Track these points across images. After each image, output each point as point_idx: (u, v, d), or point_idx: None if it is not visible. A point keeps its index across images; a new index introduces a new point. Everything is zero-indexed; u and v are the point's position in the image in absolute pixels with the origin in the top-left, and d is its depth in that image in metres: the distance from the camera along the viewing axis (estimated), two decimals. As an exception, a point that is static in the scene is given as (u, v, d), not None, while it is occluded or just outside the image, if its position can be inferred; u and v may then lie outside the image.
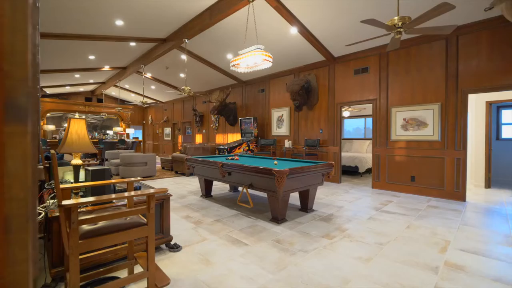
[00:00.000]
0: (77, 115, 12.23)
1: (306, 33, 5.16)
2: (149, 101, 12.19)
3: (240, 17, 4.92)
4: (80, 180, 2.14)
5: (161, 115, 13.78)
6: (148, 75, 9.54)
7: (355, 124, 9.53)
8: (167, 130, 13.16)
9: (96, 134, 13.30)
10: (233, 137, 9.15)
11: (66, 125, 13.18)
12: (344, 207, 4.02)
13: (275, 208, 3.21)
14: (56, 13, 4.65)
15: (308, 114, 6.79)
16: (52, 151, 1.36)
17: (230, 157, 4.49)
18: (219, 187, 5.45)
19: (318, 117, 6.56)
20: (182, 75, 8.93)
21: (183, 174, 7.16)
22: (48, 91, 11.44)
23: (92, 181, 2.02)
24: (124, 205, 2.02)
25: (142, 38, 6.14)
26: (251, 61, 4.17)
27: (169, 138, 12.98)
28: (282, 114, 7.38)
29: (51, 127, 11.83)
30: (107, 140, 9.91)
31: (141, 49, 7.00)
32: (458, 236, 2.81)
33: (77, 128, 1.89)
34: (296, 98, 6.27)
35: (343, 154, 7.27)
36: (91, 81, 10.58)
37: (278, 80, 7.60)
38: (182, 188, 5.37)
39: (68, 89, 11.58)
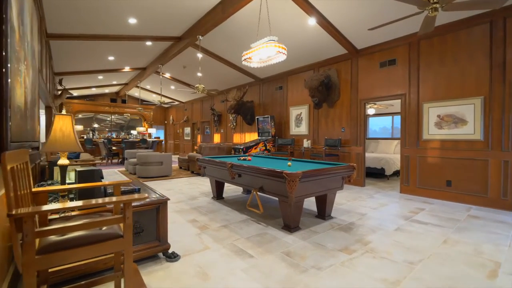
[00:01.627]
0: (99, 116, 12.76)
1: (325, 23, 4.76)
2: (167, 100, 12.34)
3: (254, 9, 4.65)
4: (70, 182, 2.00)
5: (182, 115, 13.96)
6: (167, 75, 9.64)
7: (382, 122, 8.84)
8: (187, 129, 13.30)
9: (122, 133, 13.83)
10: (251, 137, 8.92)
11: (95, 125, 13.93)
12: (368, 214, 3.59)
13: (287, 215, 2.90)
14: (67, 13, 4.72)
15: (328, 112, 6.35)
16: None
17: (242, 158, 4.24)
18: (232, 189, 5.24)
19: (340, 115, 6.10)
20: (199, 74, 8.88)
21: (198, 174, 7.07)
22: (76, 93, 12.07)
23: (79, 183, 1.87)
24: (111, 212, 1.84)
25: (157, 37, 6.12)
26: (264, 54, 3.90)
27: (189, 138, 13.10)
28: (301, 112, 7.00)
29: (79, 127, 12.46)
30: (129, 140, 10.18)
31: (157, 49, 7.02)
32: (510, 257, 2.30)
33: (62, 125, 1.75)
34: (315, 95, 5.87)
35: (367, 155, 6.72)
36: (114, 82, 10.96)
37: (296, 77, 7.23)
38: (194, 189, 5.23)
39: (94, 91, 12.13)
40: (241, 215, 3.49)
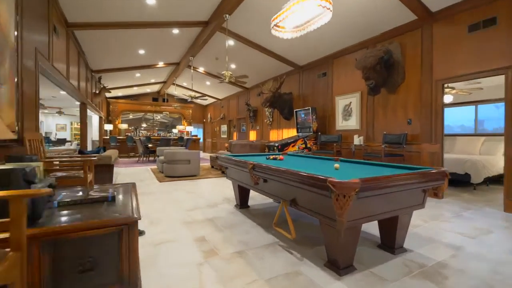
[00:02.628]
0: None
1: (387, -26, 3.48)
2: (198, 95, 11.99)
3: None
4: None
5: (218, 112, 13.60)
6: (201, 69, 9.20)
7: (458, 114, 6.88)
8: (224, 127, 12.85)
9: (167, 132, 14.12)
10: (289, 133, 7.86)
11: (144, 125, 14.55)
12: (465, 248, 2.28)
13: (334, 246, 1.84)
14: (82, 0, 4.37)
15: (388, 99, 4.94)
16: None
17: (271, 157, 3.27)
18: (261, 195, 4.30)
19: (404, 102, 4.66)
20: (233, 65, 8.18)
21: (228, 175, 6.33)
22: (120, 93, 12.60)
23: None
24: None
25: (183, 22, 5.54)
26: (300, 17, 2.87)
27: (225, 136, 12.63)
28: (350, 102, 5.69)
29: (124, 126, 13.02)
30: (165, 137, 10.07)
31: (186, 38, 6.49)
32: None
33: None
34: (371, 76, 4.55)
35: (445, 156, 5.08)
36: (153, 80, 11.03)
37: (344, 60, 5.93)
38: (218, 193, 4.45)
39: (136, 90, 12.51)
40: (267, 235, 2.53)
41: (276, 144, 5.79)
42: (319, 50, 6.17)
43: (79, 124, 16.85)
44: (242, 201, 3.49)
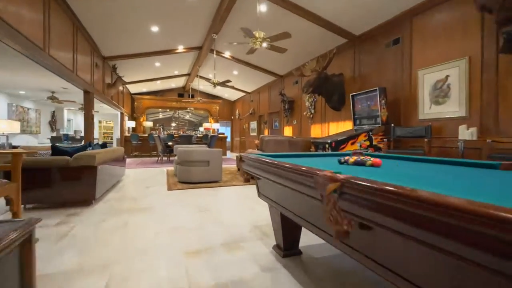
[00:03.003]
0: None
1: None
2: (219, 80, 10.63)
3: None
4: None
5: (248, 107, 12.12)
6: (226, 54, 7.77)
7: None
8: (253, 124, 11.33)
9: (193, 131, 13.11)
10: (338, 128, 6.01)
11: (174, 124, 13.74)
12: None
13: None
14: None
15: (531, 62, 2.90)
16: None
17: (351, 159, 1.55)
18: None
19: None
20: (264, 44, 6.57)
21: (259, 182, 4.73)
22: (145, 88, 11.80)
23: None
24: None
25: (200, -27, 4.08)
26: None
27: (255, 134, 11.09)
28: (447, 77, 3.70)
29: (149, 124, 12.22)
30: (185, 134, 8.84)
31: (205, 8, 5.05)
32: None
33: None
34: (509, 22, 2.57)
35: None
36: (176, 72, 9.93)
37: (430, 15, 3.96)
38: (245, 213, 2.86)
39: (160, 85, 11.58)
40: None
41: (329, 141, 4.03)
42: (386, 8, 4.27)
43: (108, 122, 16.78)
44: (289, 242, 1.84)
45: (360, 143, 4.24)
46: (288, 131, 8.25)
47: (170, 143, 8.12)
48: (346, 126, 5.74)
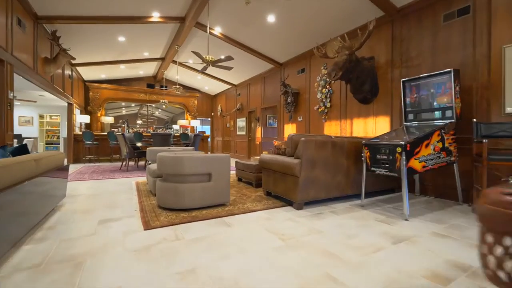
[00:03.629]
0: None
1: None
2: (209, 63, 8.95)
3: None
4: None
5: (233, 102, 10.46)
6: (217, 31, 6.08)
7: None
8: (241, 121, 9.70)
9: (165, 129, 10.97)
10: (366, 126, 4.75)
11: (140, 122, 11.17)
12: None
13: None
14: None
15: None
16: None
17: None
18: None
19: None
20: (271, 18, 5.05)
21: (288, 202, 3.20)
22: (104, 75, 9.43)
23: None
24: None
25: None
26: None
27: (243, 133, 9.48)
28: None
29: (109, 119, 9.85)
30: (159, 132, 6.86)
31: None
32: None
33: None
34: None
35: None
36: (146, 54, 7.88)
37: (537, -36, 2.83)
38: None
39: (124, 72, 9.33)
40: None
41: (402, 143, 2.66)
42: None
43: (53, 117, 13.60)
44: None
45: (434, 146, 2.96)
46: (290, 130, 6.82)
47: (139, 144, 6.14)
48: (379, 123, 4.49)
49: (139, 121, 11.76)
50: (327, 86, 5.52)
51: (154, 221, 2.47)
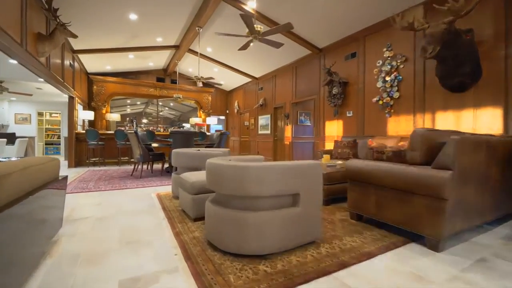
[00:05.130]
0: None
1: None
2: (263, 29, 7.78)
3: None
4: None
5: (253, 98, 9.33)
6: (249, 6, 4.96)
7: None
8: (264, 119, 8.57)
9: (177, 127, 9.87)
10: (459, 121, 3.61)
11: (145, 120, 9.34)
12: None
13: None
14: None
15: None
16: None
17: None
18: None
19: None
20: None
21: (406, 234, 2.07)
22: (109, 66, 8.34)
23: None
24: None
25: None
26: None
27: (267, 132, 8.35)
28: None
29: (115, 117, 8.77)
30: (183, 131, 5.70)
31: None
32: None
33: None
34: None
35: None
36: (160, 40, 6.77)
37: None
38: None
39: (131, 62, 8.21)
40: None
41: None
42: None
43: (53, 114, 12.44)
44: None
45: None
46: (335, 127, 5.67)
47: (155, 145, 5.03)
48: (482, 116, 3.35)
49: (144, 120, 10.69)
50: (393, 72, 4.39)
51: (221, 285, 1.35)
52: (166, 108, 11.01)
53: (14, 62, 5.04)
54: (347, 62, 5.31)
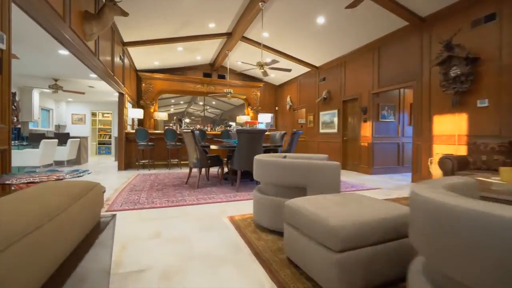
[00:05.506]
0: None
1: None
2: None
3: None
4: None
5: (311, 91, 8.05)
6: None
7: None
8: (327, 115, 7.23)
9: (225, 126, 9.10)
10: None
11: (187, 120, 7.70)
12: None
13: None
14: None
15: None
16: None
17: None
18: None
19: None
20: None
21: None
22: (157, 61, 7.80)
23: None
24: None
25: None
26: None
27: (332, 130, 6.99)
28: None
29: (163, 115, 8.26)
30: (246, 128, 4.65)
31: None
32: None
33: None
34: None
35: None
36: (212, 26, 5.89)
37: None
38: None
39: (178, 56, 7.52)
40: None
41: None
42: None
43: (105, 114, 12.61)
44: None
45: None
46: (449, 123, 4.10)
47: (214, 147, 4.09)
48: None
49: (187, 120, 10.12)
50: None
51: None
52: (207, 107, 10.33)
53: (65, 52, 4.56)
54: (477, 30, 3.73)
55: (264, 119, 7.58)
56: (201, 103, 10.07)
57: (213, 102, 10.83)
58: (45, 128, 8.63)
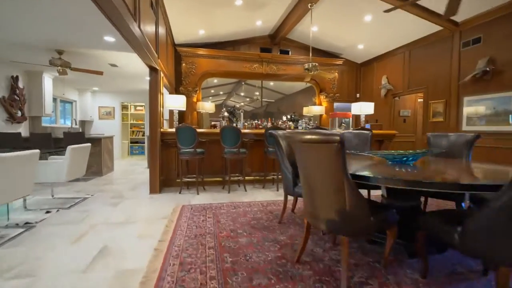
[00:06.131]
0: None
1: None
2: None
3: None
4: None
5: (439, 66, 5.11)
6: None
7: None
8: (488, 101, 4.29)
9: (281, 122, 6.58)
10: None
11: (225, 113, 4.60)
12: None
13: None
14: None
15: None
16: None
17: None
18: None
19: None
20: None
21: None
22: (203, 30, 5.49)
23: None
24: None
25: None
26: None
27: (508, 127, 4.05)
28: None
29: (209, 106, 6.01)
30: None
31: None
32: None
33: None
34: None
35: None
36: None
37: None
38: None
39: (236, 19, 5.08)
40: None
41: None
42: None
43: (138, 108, 5.62)
44: None
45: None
46: None
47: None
48: None
49: (225, 113, 7.73)
50: None
51: None
52: (249, 99, 7.81)
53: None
54: None
55: (365, 109, 4.78)
56: (242, 94, 7.65)
57: (256, 92, 8.32)
58: (66, 125, 6.95)
